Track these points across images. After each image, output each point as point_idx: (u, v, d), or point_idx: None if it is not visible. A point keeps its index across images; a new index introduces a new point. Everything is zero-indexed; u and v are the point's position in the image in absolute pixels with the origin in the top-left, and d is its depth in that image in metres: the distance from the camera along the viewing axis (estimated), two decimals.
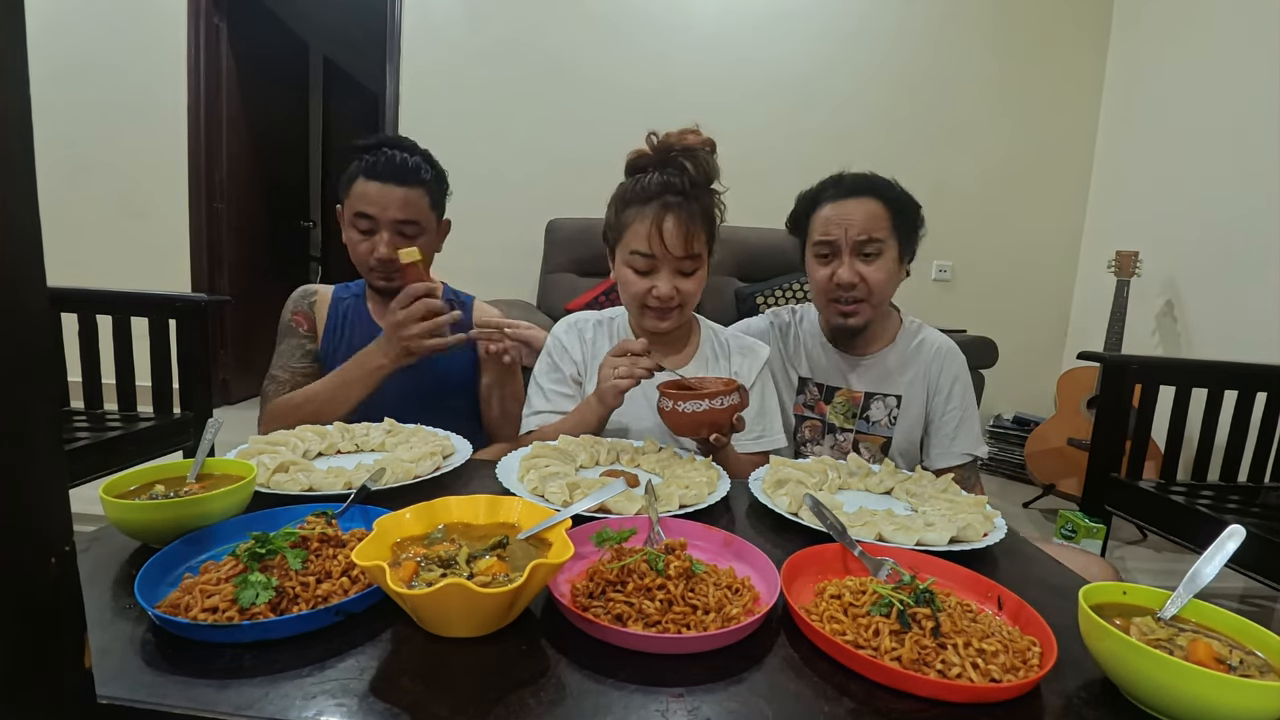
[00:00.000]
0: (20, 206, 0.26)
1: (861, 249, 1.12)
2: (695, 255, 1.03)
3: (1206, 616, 0.52)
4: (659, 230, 1.01)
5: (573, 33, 3.07)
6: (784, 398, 1.25)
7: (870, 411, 1.22)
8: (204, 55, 3.15)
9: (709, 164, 1.05)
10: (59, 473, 0.29)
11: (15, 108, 0.25)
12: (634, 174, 1.08)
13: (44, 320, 0.28)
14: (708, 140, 1.05)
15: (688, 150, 1.04)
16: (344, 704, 0.42)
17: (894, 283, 1.16)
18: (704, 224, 1.04)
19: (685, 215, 1.01)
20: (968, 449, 1.19)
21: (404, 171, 1.17)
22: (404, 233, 1.19)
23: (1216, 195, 2.48)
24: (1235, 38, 2.46)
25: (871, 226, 1.11)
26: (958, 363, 1.22)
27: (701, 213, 1.04)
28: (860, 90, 3.11)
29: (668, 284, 1.03)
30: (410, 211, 1.18)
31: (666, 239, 1.01)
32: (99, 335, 1.74)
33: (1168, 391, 1.70)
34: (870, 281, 1.12)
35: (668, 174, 1.03)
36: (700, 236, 1.03)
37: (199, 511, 0.62)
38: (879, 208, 1.13)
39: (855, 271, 1.12)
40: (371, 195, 1.16)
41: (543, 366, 1.17)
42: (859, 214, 1.12)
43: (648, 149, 1.06)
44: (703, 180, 1.04)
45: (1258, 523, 1.39)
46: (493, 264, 3.06)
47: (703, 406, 0.89)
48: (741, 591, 0.56)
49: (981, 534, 0.73)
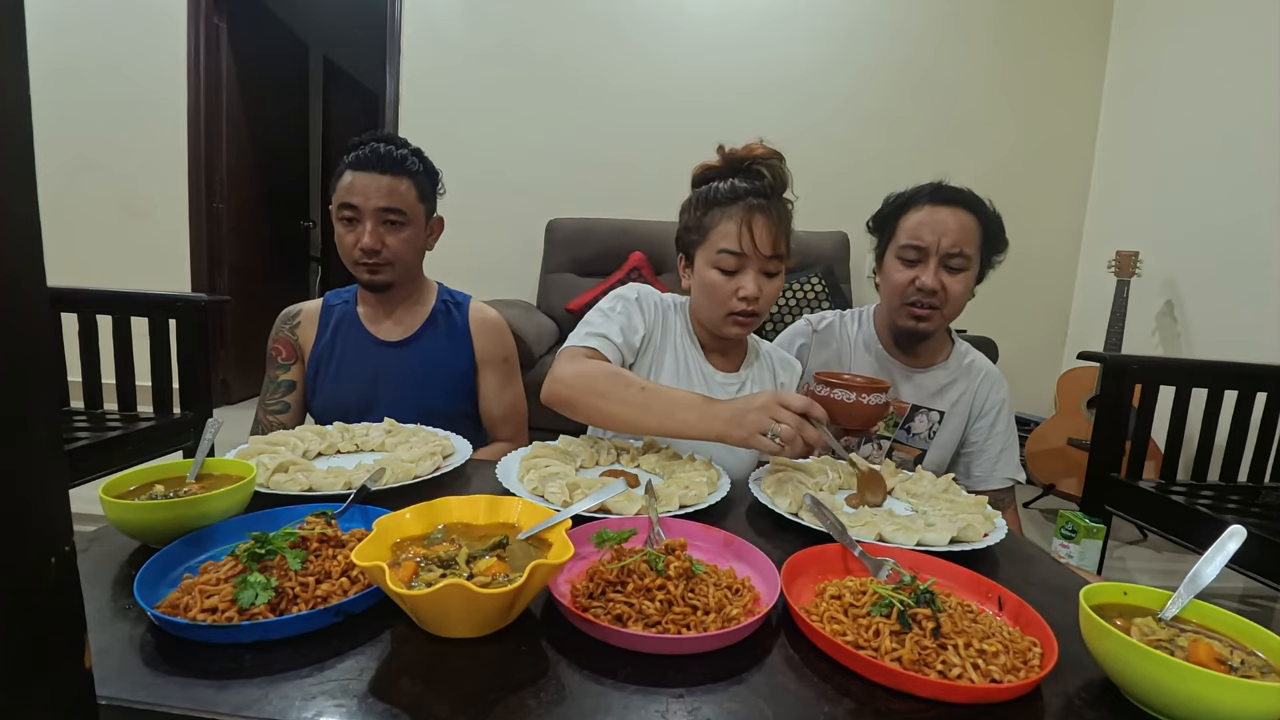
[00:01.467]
0: (20, 206, 0.26)
1: (949, 260, 1.12)
2: (780, 256, 1.02)
3: (1207, 617, 0.52)
4: (749, 229, 0.99)
5: (573, 33, 3.07)
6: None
7: (913, 424, 1.23)
8: (204, 55, 3.15)
9: (784, 172, 1.04)
10: (59, 472, 0.29)
11: (15, 108, 0.25)
12: (704, 184, 1.07)
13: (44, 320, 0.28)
14: (775, 151, 1.05)
15: (760, 159, 1.04)
16: (344, 704, 0.42)
17: (967, 300, 1.17)
18: (787, 227, 1.03)
19: (773, 217, 1.00)
20: (1010, 474, 1.21)
21: (388, 161, 1.17)
22: (388, 220, 1.18)
23: (1216, 195, 2.48)
24: (1235, 38, 2.46)
25: (964, 239, 1.12)
26: (1004, 389, 1.24)
27: (785, 216, 1.03)
28: (860, 90, 3.11)
29: (754, 284, 1.01)
30: (394, 199, 1.17)
31: (756, 238, 0.99)
32: (99, 335, 1.74)
33: (1168, 391, 1.70)
34: (950, 292, 1.13)
35: (750, 179, 1.03)
36: (784, 239, 1.02)
37: (199, 512, 0.62)
38: (973, 222, 1.14)
39: (939, 280, 1.12)
40: (355, 185, 1.16)
41: (615, 304, 1.08)
42: (953, 224, 1.12)
43: (717, 160, 1.06)
44: (780, 187, 1.04)
45: (1258, 523, 1.39)
46: (493, 264, 3.06)
47: (851, 398, 0.90)
48: (741, 592, 0.56)
49: (982, 534, 0.73)
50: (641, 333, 1.07)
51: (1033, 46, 3.09)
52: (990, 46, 3.10)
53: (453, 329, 1.30)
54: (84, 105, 3.10)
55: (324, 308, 1.31)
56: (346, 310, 1.29)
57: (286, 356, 1.28)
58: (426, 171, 1.24)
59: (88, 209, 3.15)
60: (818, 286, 2.67)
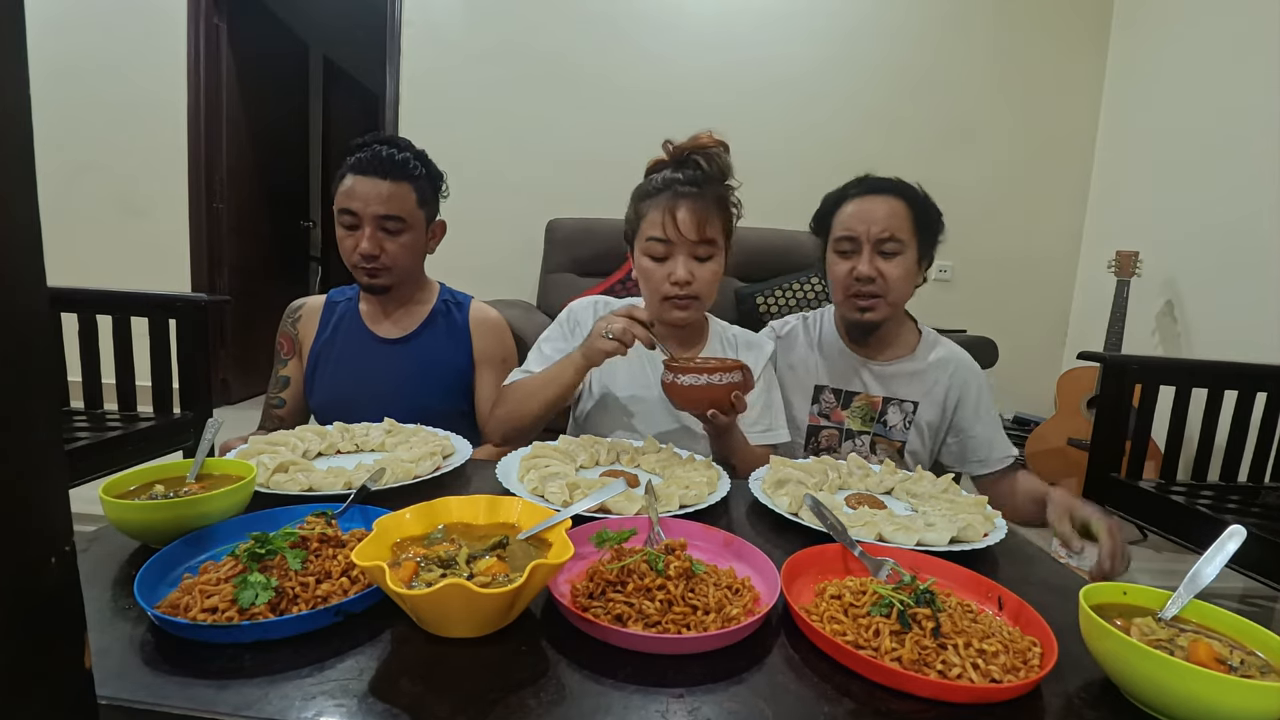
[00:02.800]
0: (20, 206, 0.26)
1: (881, 246, 1.14)
2: (709, 241, 1.06)
3: (1207, 617, 0.52)
4: (672, 216, 1.04)
5: (573, 33, 3.07)
6: (790, 399, 1.25)
7: (887, 416, 1.23)
8: (204, 55, 3.15)
9: (722, 160, 1.08)
10: (59, 472, 0.29)
11: (15, 108, 0.25)
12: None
13: (44, 320, 0.28)
14: (720, 141, 1.09)
15: (700, 149, 1.08)
16: (344, 704, 0.42)
17: (911, 283, 1.18)
18: (718, 212, 1.07)
19: (699, 202, 1.05)
20: (1008, 453, 1.21)
21: (388, 166, 1.17)
22: (386, 228, 1.19)
23: (1216, 195, 2.47)
24: (1235, 38, 2.46)
25: (893, 225, 1.13)
26: (980, 374, 1.24)
27: (715, 201, 1.07)
28: (860, 90, 3.11)
29: (684, 268, 1.05)
30: (393, 206, 1.17)
31: (680, 223, 1.04)
32: (99, 335, 1.74)
33: (1168, 391, 1.70)
34: (888, 278, 1.14)
35: (682, 170, 1.08)
36: (714, 223, 1.06)
37: (199, 512, 0.62)
38: (902, 207, 1.15)
39: (874, 267, 1.14)
40: (355, 189, 1.16)
41: (550, 334, 1.20)
42: (882, 211, 1.14)
43: (665, 155, 1.11)
44: (716, 175, 1.08)
45: (1258, 523, 1.39)
46: (493, 264, 3.06)
47: (701, 381, 0.90)
48: (741, 592, 0.56)
49: (982, 534, 0.73)
50: (576, 344, 1.12)
51: (1032, 46, 3.10)
52: (990, 46, 3.10)
53: (452, 328, 1.31)
54: (84, 105, 3.10)
55: (327, 304, 1.32)
56: (349, 308, 1.31)
57: (287, 351, 1.30)
58: (429, 175, 1.24)
59: (88, 209, 3.14)
60: (817, 286, 2.67)
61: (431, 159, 1.27)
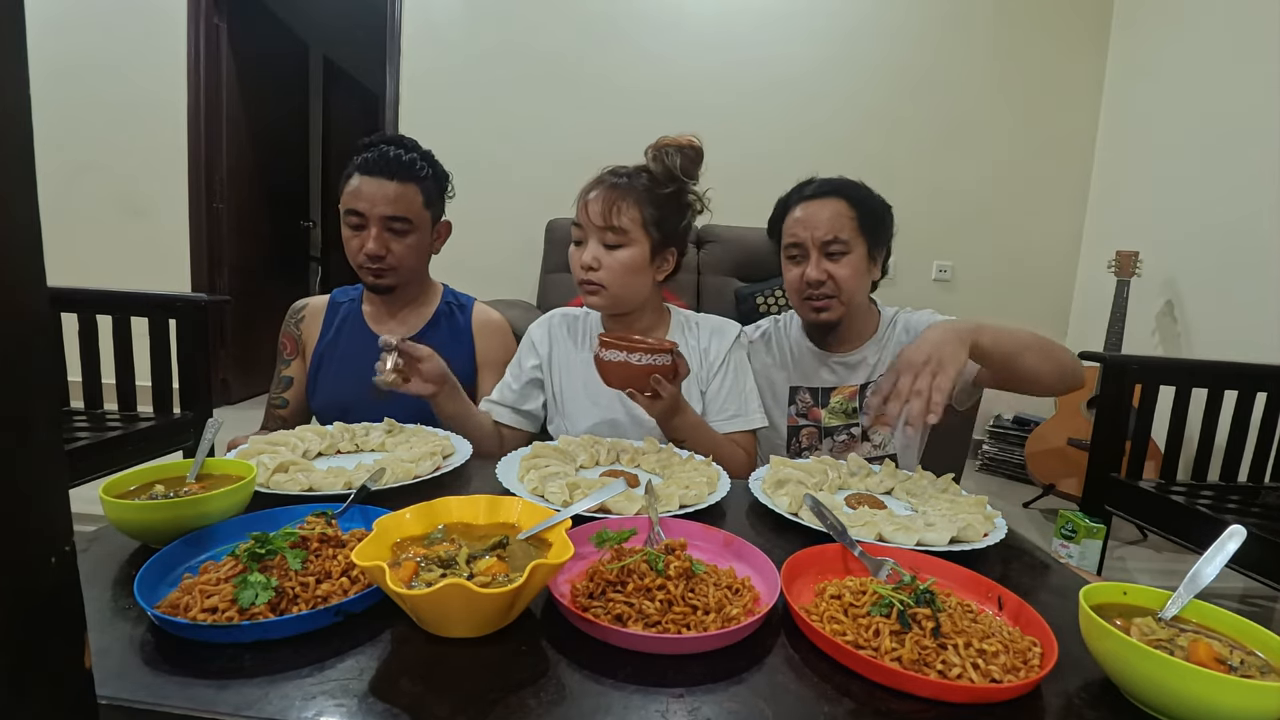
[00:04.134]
0: (20, 206, 0.26)
1: (827, 248, 1.15)
2: (616, 229, 1.06)
3: (1207, 617, 0.52)
4: (585, 201, 1.08)
5: (573, 33, 3.07)
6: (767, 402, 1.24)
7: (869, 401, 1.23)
8: (204, 55, 3.15)
9: (669, 159, 1.09)
10: (59, 472, 0.29)
11: (15, 108, 0.25)
12: None
13: (44, 320, 0.28)
14: (689, 142, 1.11)
15: (659, 147, 1.10)
16: (344, 704, 0.42)
17: (863, 280, 1.18)
18: (636, 203, 1.07)
19: (613, 190, 1.06)
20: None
21: (395, 166, 1.17)
22: (393, 229, 1.19)
23: (1216, 195, 2.48)
24: (1234, 38, 2.46)
25: (837, 227, 1.14)
26: (930, 316, 1.23)
27: (639, 193, 1.07)
28: (860, 90, 3.11)
29: (590, 253, 1.07)
30: (399, 207, 1.17)
31: (589, 209, 1.07)
32: (99, 335, 1.74)
33: (1168, 391, 1.70)
34: (838, 279, 1.15)
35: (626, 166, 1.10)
36: (629, 213, 1.06)
37: (199, 511, 0.62)
38: (844, 208, 1.16)
39: (823, 270, 1.15)
40: (362, 190, 1.16)
41: (513, 363, 1.22)
42: (824, 214, 1.15)
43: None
44: (660, 172, 1.09)
45: (1258, 523, 1.39)
46: (493, 264, 3.06)
47: (619, 358, 0.92)
48: (741, 592, 0.56)
49: (981, 534, 0.73)
50: (534, 362, 1.19)
51: (1032, 46, 3.10)
52: (990, 47, 3.10)
53: (455, 330, 1.30)
54: (84, 105, 3.10)
55: (330, 304, 1.32)
56: (352, 308, 1.31)
57: (290, 352, 1.30)
58: (435, 176, 1.24)
59: (88, 209, 3.15)
60: None
61: (438, 160, 1.27)
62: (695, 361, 1.17)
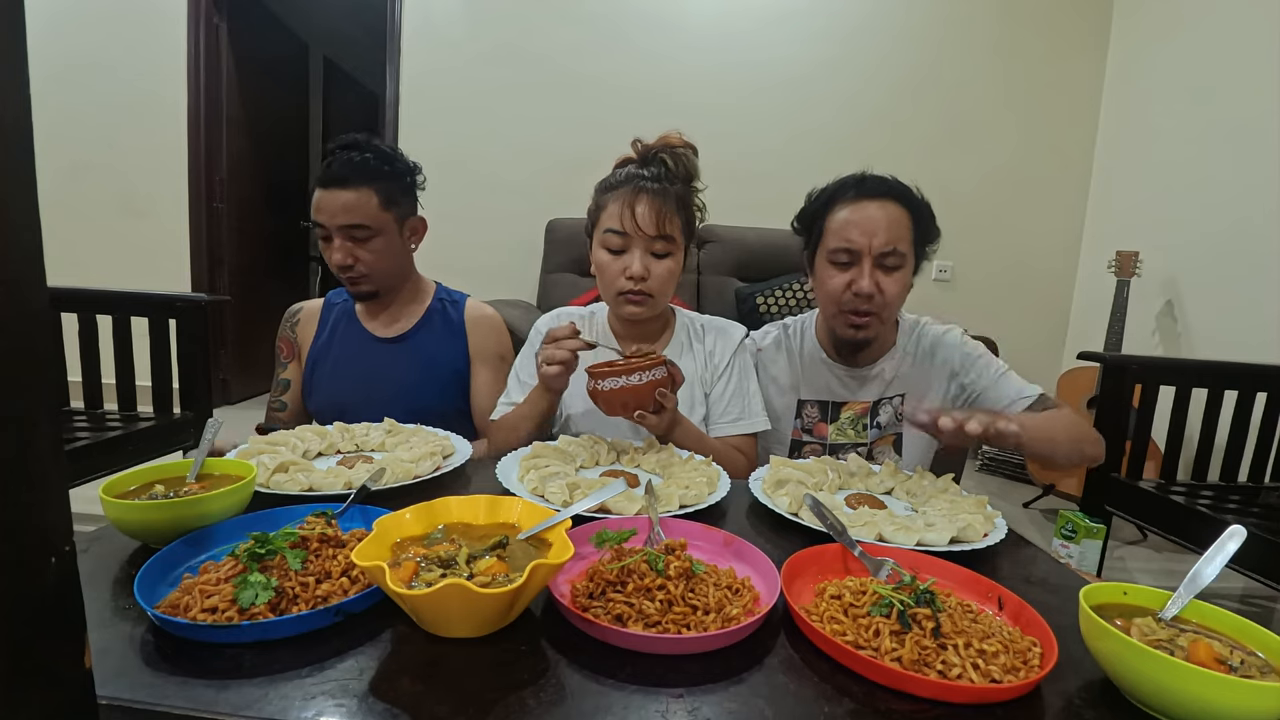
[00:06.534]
0: (20, 206, 0.26)
1: (884, 260, 1.04)
2: (667, 237, 1.05)
3: (1207, 617, 0.52)
4: (631, 209, 1.03)
5: (573, 33, 3.07)
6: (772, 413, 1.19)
7: (879, 416, 1.19)
8: (204, 55, 3.15)
9: (687, 161, 1.09)
10: (59, 472, 0.29)
11: (15, 108, 0.25)
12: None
13: (44, 320, 0.28)
14: (687, 143, 1.10)
15: (668, 148, 1.08)
16: (344, 704, 0.42)
17: (905, 297, 1.11)
18: (678, 210, 1.06)
19: (658, 198, 1.04)
20: (1024, 392, 1.11)
21: (347, 172, 1.16)
22: (354, 236, 1.18)
23: (1216, 195, 2.48)
24: (1235, 38, 2.46)
25: (896, 236, 1.04)
26: (961, 336, 1.18)
27: (676, 199, 1.06)
28: (861, 90, 3.11)
29: (639, 262, 1.04)
30: (355, 215, 1.17)
31: (639, 217, 1.03)
32: (99, 335, 1.74)
33: (1168, 391, 1.70)
34: (887, 294, 1.05)
35: (647, 166, 1.08)
36: (674, 221, 1.05)
37: (199, 511, 0.62)
38: (903, 215, 1.06)
39: (875, 282, 1.04)
40: (320, 203, 1.17)
41: (523, 359, 1.19)
42: (883, 220, 1.04)
43: (633, 154, 1.11)
44: (681, 174, 1.09)
45: (1258, 523, 1.39)
46: (493, 264, 3.06)
47: (619, 384, 0.89)
48: (741, 592, 0.56)
49: (981, 534, 0.73)
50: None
51: (1033, 47, 3.10)
52: (991, 48, 3.10)
53: (448, 326, 1.31)
54: (84, 105, 3.10)
55: (325, 305, 1.33)
56: (345, 308, 1.31)
57: (286, 355, 1.30)
58: (395, 173, 1.21)
59: (88, 209, 3.14)
60: None
61: (402, 154, 1.24)
62: (700, 364, 1.15)
